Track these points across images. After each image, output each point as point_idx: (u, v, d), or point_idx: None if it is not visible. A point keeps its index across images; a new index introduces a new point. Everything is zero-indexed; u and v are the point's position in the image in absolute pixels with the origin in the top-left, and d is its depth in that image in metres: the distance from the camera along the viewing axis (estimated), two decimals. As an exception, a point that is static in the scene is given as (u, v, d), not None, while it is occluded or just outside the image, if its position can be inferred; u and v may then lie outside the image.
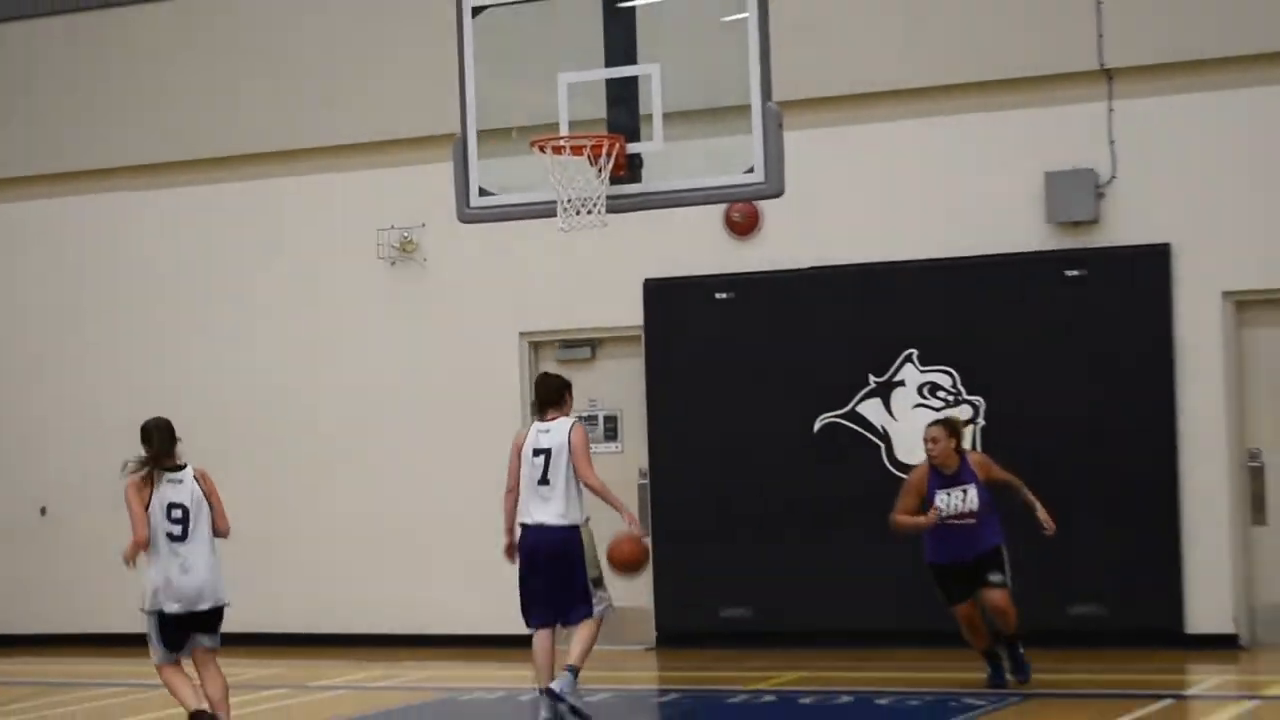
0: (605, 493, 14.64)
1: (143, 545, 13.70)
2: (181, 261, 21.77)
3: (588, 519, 14.79)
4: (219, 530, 14.09)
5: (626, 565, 15.36)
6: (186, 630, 13.90)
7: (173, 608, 13.77)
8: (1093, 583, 18.18)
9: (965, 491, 14.99)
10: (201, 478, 14.04)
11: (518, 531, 14.91)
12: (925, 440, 15.50)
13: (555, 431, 14.76)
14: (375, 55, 20.71)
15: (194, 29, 21.65)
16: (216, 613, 14.03)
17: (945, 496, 14.92)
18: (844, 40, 18.93)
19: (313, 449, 21.10)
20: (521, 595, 14.90)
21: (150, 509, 13.78)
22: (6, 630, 22.37)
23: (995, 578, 15.16)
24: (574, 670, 14.47)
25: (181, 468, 14.01)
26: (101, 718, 16.41)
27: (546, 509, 14.68)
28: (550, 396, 14.99)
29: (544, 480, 14.69)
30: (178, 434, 13.99)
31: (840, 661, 17.44)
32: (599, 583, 14.81)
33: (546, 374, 15.73)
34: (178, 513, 13.81)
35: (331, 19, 20.99)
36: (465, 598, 20.34)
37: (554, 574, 14.68)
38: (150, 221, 21.94)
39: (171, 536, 13.78)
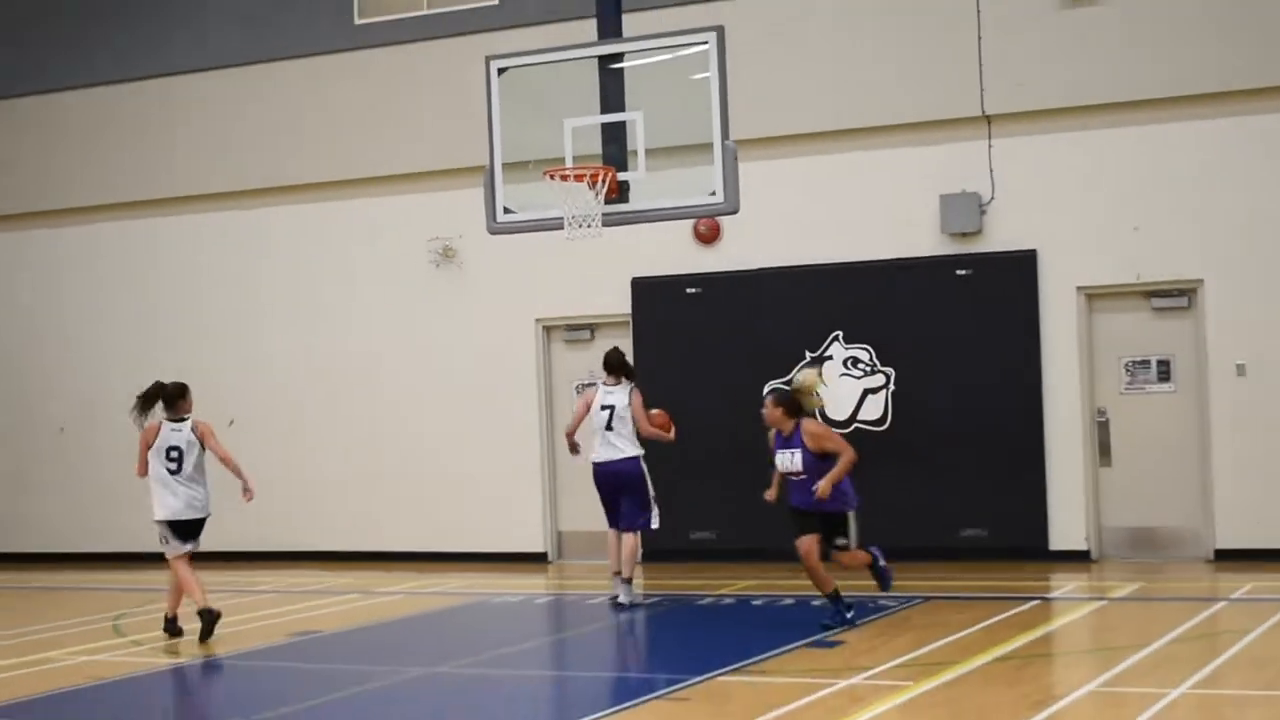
0: (653, 435, 16.00)
1: (140, 476, 14.95)
2: (279, 265, 21.72)
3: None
4: (222, 460, 15.02)
5: (662, 429, 15.69)
6: (195, 529, 15.01)
7: (163, 515, 14.86)
8: (976, 512, 18.18)
9: (794, 454, 13.91)
10: (196, 427, 14.97)
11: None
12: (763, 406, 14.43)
13: (618, 394, 15.87)
14: (423, 106, 20.65)
15: (318, 88, 21.58)
16: (199, 522, 15.01)
17: (781, 455, 14.03)
18: (785, 93, 18.93)
19: (377, 408, 21.08)
20: (604, 508, 16.11)
21: (154, 449, 14.82)
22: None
23: (840, 542, 14.12)
24: (628, 580, 15.67)
25: (183, 419, 14.95)
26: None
27: (611, 449, 15.79)
28: (613, 365, 16.09)
29: (609, 427, 15.79)
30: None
31: (783, 573, 17.38)
32: (647, 505, 15.83)
33: (615, 348, 16.54)
34: (174, 453, 14.81)
35: (390, 79, 20.91)
36: (491, 524, 20.36)
37: (615, 494, 15.87)
38: (255, 231, 21.89)
39: (169, 470, 14.81)
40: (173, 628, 14.95)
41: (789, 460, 13.91)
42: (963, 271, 18.34)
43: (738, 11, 18.37)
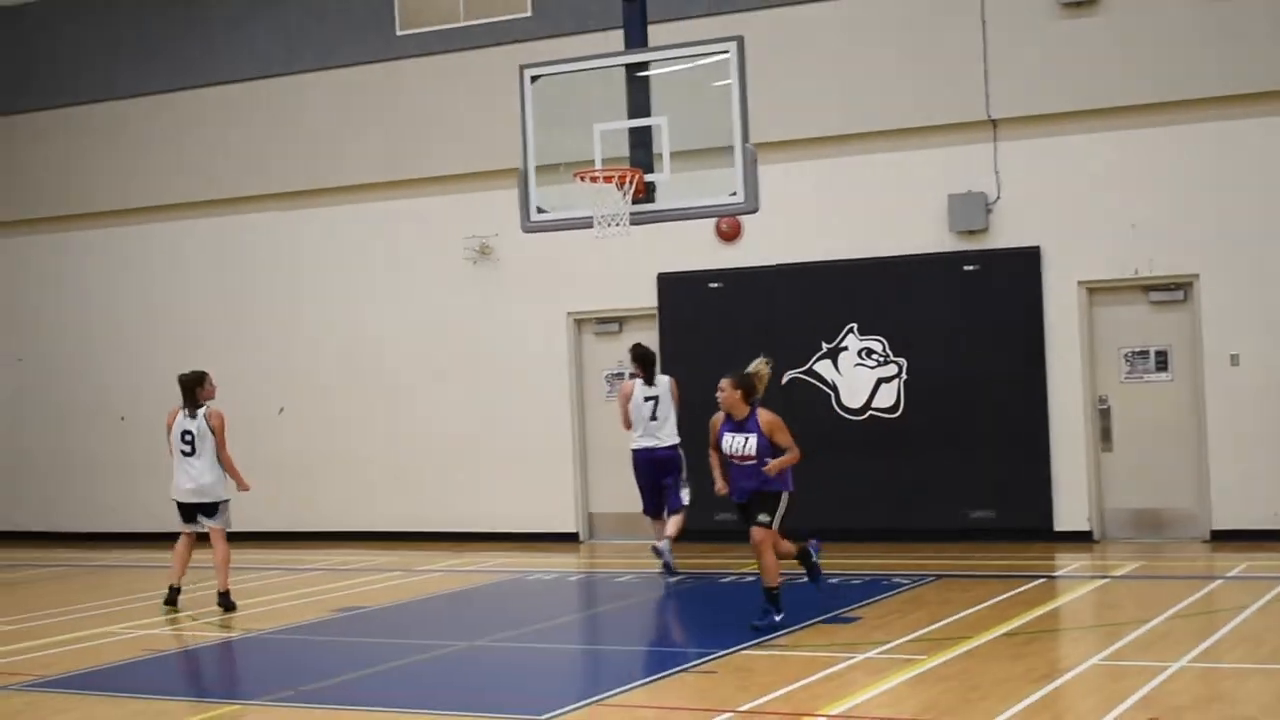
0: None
1: (169, 456, 15.41)
2: (321, 263, 21.70)
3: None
4: (220, 456, 15.21)
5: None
6: (192, 513, 15.30)
7: (175, 496, 15.36)
8: (985, 494, 18.07)
9: (747, 439, 12.85)
10: (209, 417, 15.20)
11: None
12: (718, 389, 13.31)
13: (661, 385, 16.35)
14: (460, 111, 20.60)
15: (359, 104, 21.54)
16: (211, 505, 15.27)
17: (732, 438, 12.92)
18: (801, 99, 18.82)
19: (419, 397, 21.06)
20: (641, 493, 16.48)
21: (171, 432, 15.29)
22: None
23: (762, 518, 12.78)
24: (669, 539, 16.10)
25: (198, 408, 15.21)
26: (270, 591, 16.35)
27: (654, 438, 16.18)
28: (647, 361, 16.48)
29: (654, 417, 16.19)
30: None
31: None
32: (681, 486, 16.25)
33: (641, 344, 16.83)
34: (188, 437, 15.17)
35: (429, 86, 20.86)
36: (526, 505, 20.32)
37: (658, 479, 16.23)
38: (300, 231, 21.88)
39: (183, 453, 15.21)
40: (226, 602, 15.08)
41: (741, 444, 12.89)
42: (970, 267, 18.23)
43: (757, 23, 18.33)
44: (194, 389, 15.25)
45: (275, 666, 12.63)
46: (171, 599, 15.32)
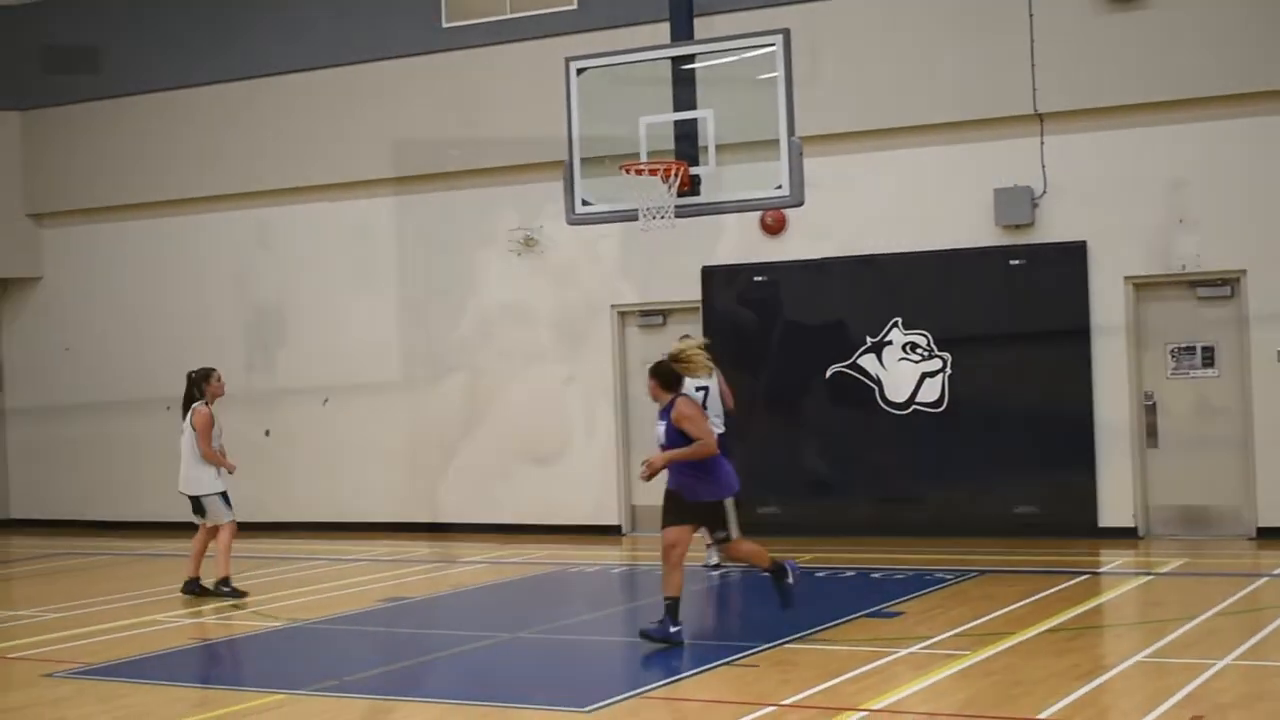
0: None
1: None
2: (372, 255, 21.76)
3: None
4: (202, 453, 15.28)
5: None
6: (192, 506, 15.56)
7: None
8: (1030, 490, 18.00)
9: (661, 427, 12.00)
10: (194, 414, 15.35)
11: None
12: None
13: (711, 377, 15.04)
14: (506, 104, 20.60)
15: (413, 89, 21.58)
16: (196, 499, 15.40)
17: (657, 426, 12.07)
18: (848, 92, 18.77)
19: (463, 391, 21.07)
20: None
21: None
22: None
23: (720, 535, 12.19)
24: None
25: (187, 408, 15.40)
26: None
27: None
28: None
29: (704, 406, 15.16)
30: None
31: (845, 546, 17.33)
32: None
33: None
34: (185, 431, 15.37)
35: (475, 78, 20.89)
36: (570, 497, 20.33)
37: None
38: (348, 222, 21.96)
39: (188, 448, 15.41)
40: (223, 590, 15.29)
41: (659, 433, 12.10)
42: (1016, 261, 18.16)
43: (803, 16, 18.27)
44: (191, 387, 15.48)
45: (319, 656, 12.67)
46: (190, 589, 15.38)
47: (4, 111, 23.94)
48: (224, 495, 15.40)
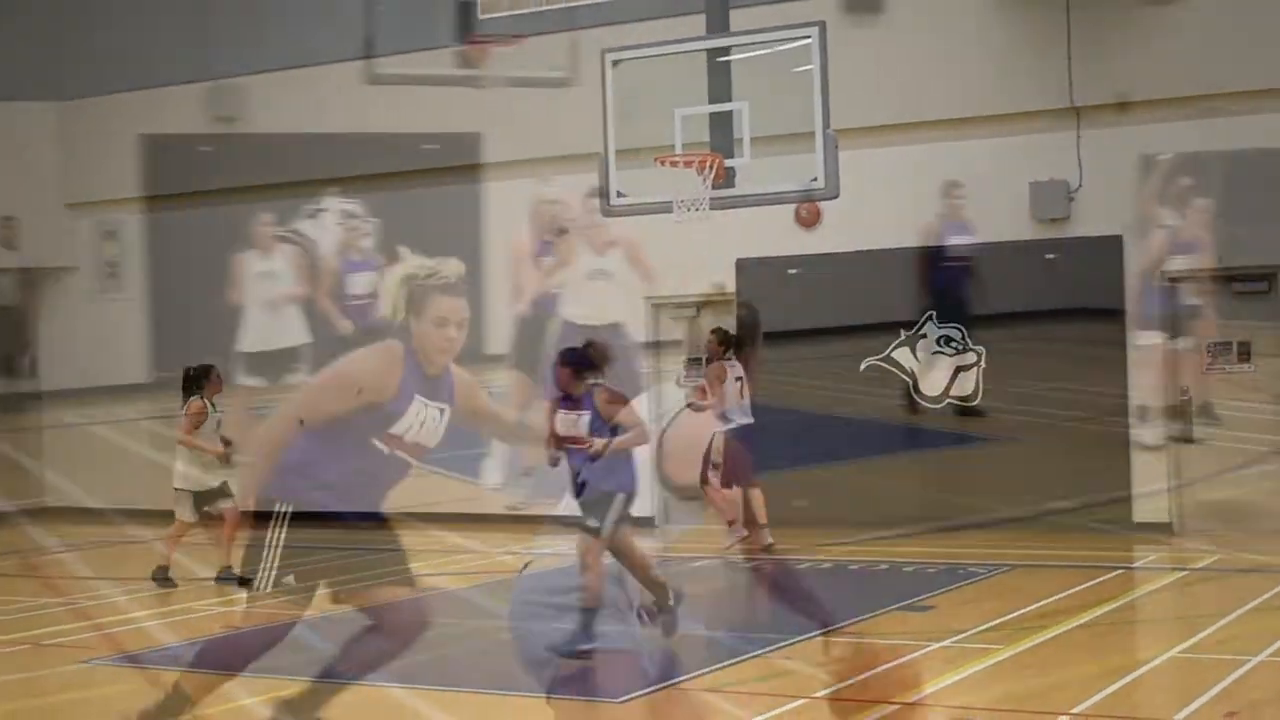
0: None
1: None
2: (407, 243, 21.73)
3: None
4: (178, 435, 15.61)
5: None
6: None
7: None
8: (1064, 484, 17.96)
9: (580, 416, 11.32)
10: (187, 408, 15.57)
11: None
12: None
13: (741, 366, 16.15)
14: (541, 95, 20.61)
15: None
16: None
17: (563, 416, 11.37)
18: (883, 84, 18.74)
19: (495, 376, 21.09)
20: None
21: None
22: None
23: (592, 524, 10.33)
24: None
25: (188, 398, 15.60)
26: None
27: (744, 414, 16.18)
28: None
29: (740, 395, 16.17)
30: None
31: (878, 540, 17.32)
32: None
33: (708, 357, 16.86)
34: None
35: (513, 70, 20.90)
36: (604, 489, 20.32)
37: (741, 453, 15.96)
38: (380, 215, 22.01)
39: None
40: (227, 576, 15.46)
41: (572, 423, 11.31)
42: (1051, 255, 18.13)
43: (838, 8, 18.24)
44: (189, 383, 15.67)
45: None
46: (224, 576, 15.57)
47: (42, 103, 24.03)
48: (195, 495, 15.52)
